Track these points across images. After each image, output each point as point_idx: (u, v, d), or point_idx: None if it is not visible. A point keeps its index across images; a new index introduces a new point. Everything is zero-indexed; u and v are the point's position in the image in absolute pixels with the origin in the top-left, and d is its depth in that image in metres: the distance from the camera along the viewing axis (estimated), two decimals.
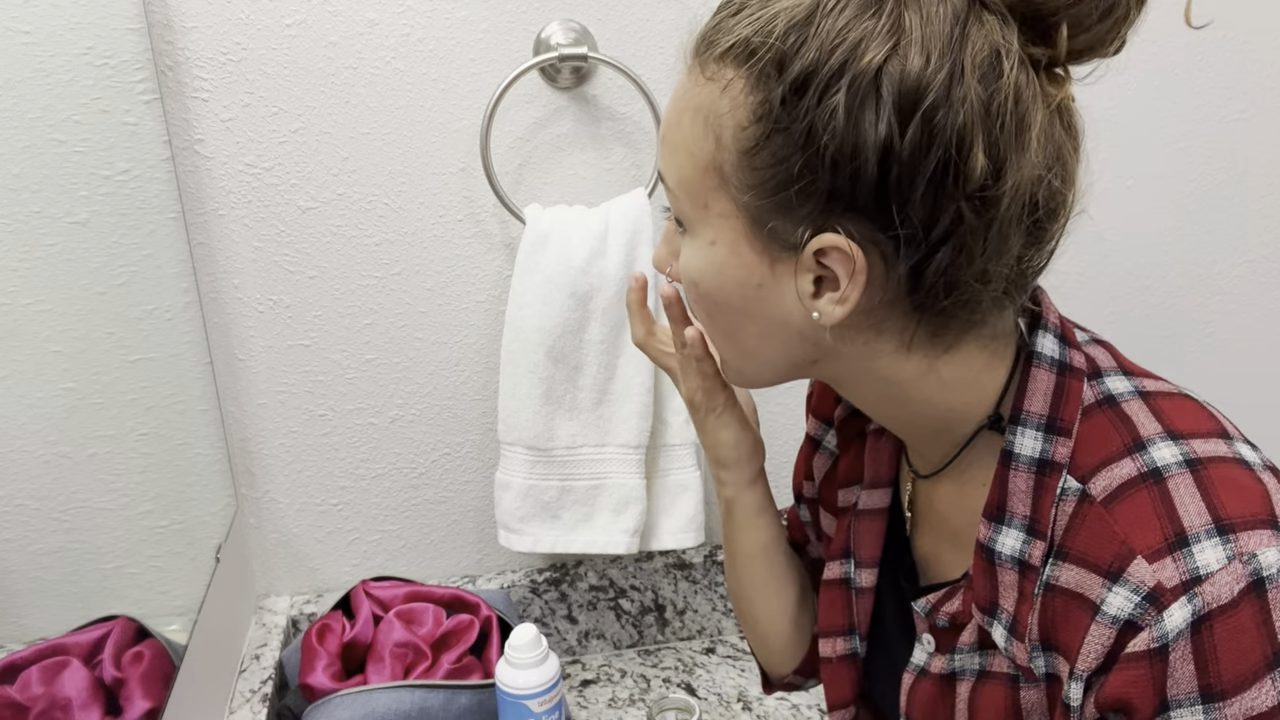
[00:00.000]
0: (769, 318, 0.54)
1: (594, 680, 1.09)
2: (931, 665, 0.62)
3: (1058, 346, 0.56)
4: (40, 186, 0.62)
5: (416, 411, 1.05)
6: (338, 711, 0.88)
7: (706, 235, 0.54)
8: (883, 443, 0.68)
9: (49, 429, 0.61)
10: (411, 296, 1.01)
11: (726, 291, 0.54)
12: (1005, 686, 0.57)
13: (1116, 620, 0.48)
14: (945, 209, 0.47)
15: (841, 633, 0.71)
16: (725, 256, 0.53)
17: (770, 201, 0.50)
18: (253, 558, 1.07)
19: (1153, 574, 0.47)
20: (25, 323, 0.59)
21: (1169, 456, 0.50)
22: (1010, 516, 0.55)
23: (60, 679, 0.59)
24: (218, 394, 0.99)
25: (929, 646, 0.62)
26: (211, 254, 0.96)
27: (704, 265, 0.54)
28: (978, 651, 0.59)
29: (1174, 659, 0.46)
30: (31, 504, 0.58)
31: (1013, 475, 0.54)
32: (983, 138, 0.46)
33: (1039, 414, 0.54)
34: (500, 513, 1.01)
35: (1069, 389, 0.54)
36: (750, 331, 0.56)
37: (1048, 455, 0.54)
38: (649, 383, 0.99)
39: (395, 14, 0.92)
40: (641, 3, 0.96)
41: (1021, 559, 0.54)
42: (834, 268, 0.50)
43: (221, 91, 0.91)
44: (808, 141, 0.47)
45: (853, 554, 0.69)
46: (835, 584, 0.71)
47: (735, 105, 0.49)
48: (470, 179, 0.98)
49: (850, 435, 0.71)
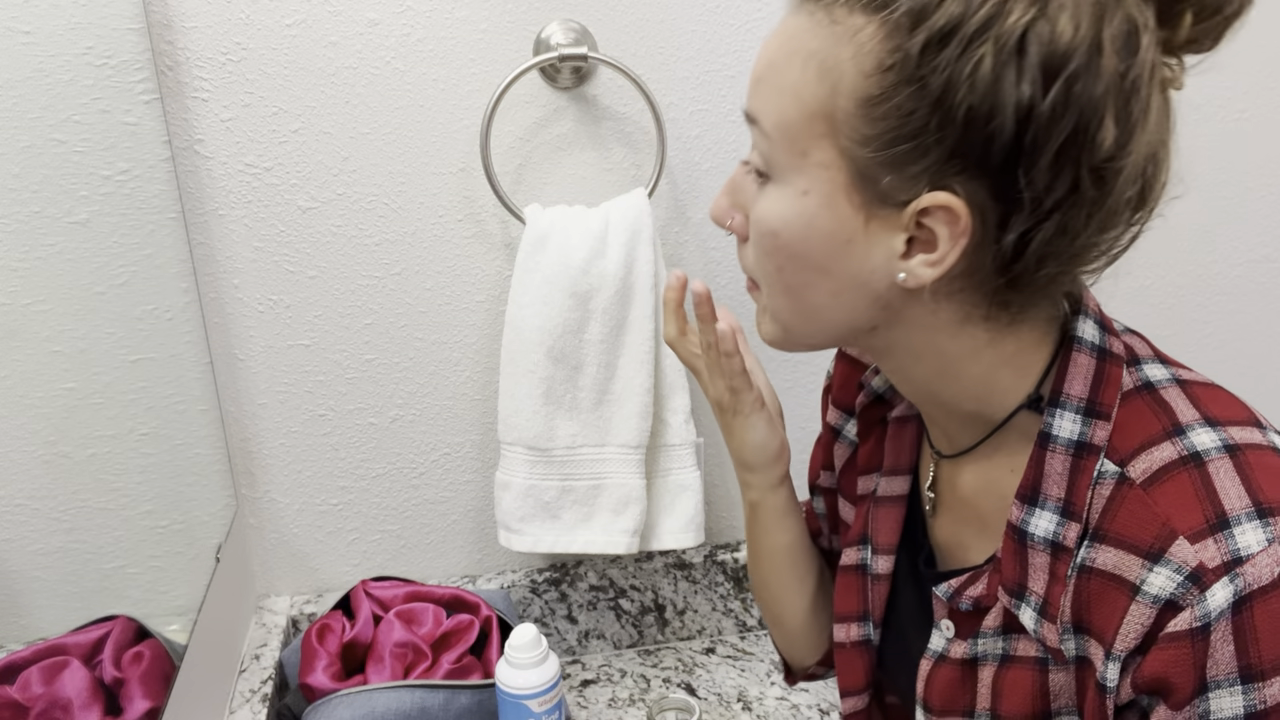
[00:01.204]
0: (847, 276, 0.53)
1: (594, 680, 1.09)
2: (951, 651, 0.61)
3: (1098, 332, 0.56)
4: (40, 186, 0.62)
5: (416, 411, 1.05)
6: (338, 711, 0.88)
7: (799, 184, 0.52)
8: (905, 429, 0.68)
9: (49, 429, 0.61)
10: (411, 296, 1.01)
11: (811, 245, 0.53)
12: (1033, 670, 0.57)
13: (1157, 600, 0.48)
14: (1065, 179, 0.47)
15: (856, 618, 0.71)
16: (817, 208, 0.52)
17: (885, 155, 0.49)
18: (253, 558, 1.07)
19: (1195, 554, 0.48)
20: (25, 323, 0.59)
21: (1208, 441, 0.51)
22: (1044, 499, 0.55)
23: (60, 679, 0.59)
24: (218, 394, 0.99)
25: (948, 632, 0.62)
26: (211, 254, 0.96)
27: (790, 215, 0.53)
28: (1001, 636, 0.58)
29: (1215, 639, 0.47)
30: (31, 504, 0.58)
31: (1049, 457, 0.54)
32: (1114, 110, 0.46)
33: (1079, 397, 0.55)
34: (500, 513, 1.01)
35: (1109, 374, 0.55)
36: (822, 289, 0.54)
37: (1086, 438, 0.54)
38: (649, 383, 0.99)
39: (395, 14, 0.92)
40: (641, 3, 0.96)
41: (1055, 540, 0.54)
42: (935, 228, 0.49)
43: (221, 91, 0.91)
44: (943, 96, 0.46)
45: (870, 540, 0.69)
46: (851, 570, 0.71)
47: (860, 52, 0.48)
48: (470, 179, 0.98)
49: (871, 422, 0.71)
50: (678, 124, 1.00)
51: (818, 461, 0.80)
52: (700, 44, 0.98)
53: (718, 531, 1.17)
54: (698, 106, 1.00)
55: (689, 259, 1.05)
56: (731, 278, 1.07)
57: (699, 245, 1.05)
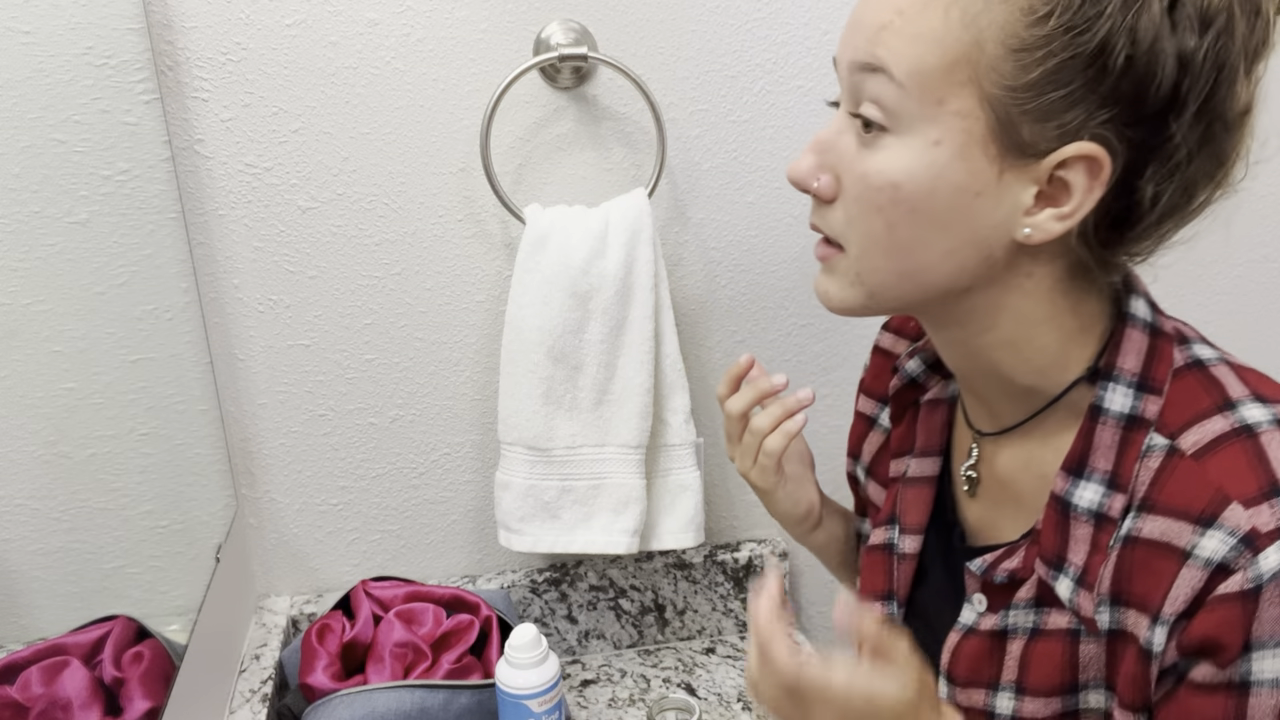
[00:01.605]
0: (967, 231, 0.53)
1: (594, 680, 1.09)
2: (981, 624, 0.62)
3: (1149, 311, 0.58)
4: (40, 186, 0.62)
5: (416, 411, 1.05)
6: (338, 711, 0.88)
7: (930, 134, 0.51)
8: (937, 411, 0.69)
9: (49, 429, 0.61)
10: (411, 296, 1.01)
11: (936, 197, 0.52)
12: (1063, 641, 0.58)
13: (1209, 563, 0.50)
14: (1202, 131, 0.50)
15: (880, 597, 0.72)
16: (949, 159, 0.51)
17: (1033, 103, 0.49)
18: (253, 558, 1.07)
19: (1249, 519, 0.49)
20: (25, 323, 0.59)
21: (1260, 415, 0.53)
22: (1090, 471, 0.56)
23: (60, 679, 0.59)
24: (218, 394, 0.99)
25: (979, 606, 0.62)
26: (211, 254, 0.96)
27: (917, 167, 0.52)
28: (1033, 608, 0.59)
29: (1264, 600, 0.48)
30: (31, 504, 0.58)
31: (1099, 429, 0.56)
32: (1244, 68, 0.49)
33: (1132, 371, 0.56)
34: (500, 513, 1.01)
35: (1161, 350, 0.56)
36: (936, 247, 0.54)
37: (1137, 412, 0.55)
38: (649, 383, 0.99)
39: (395, 14, 0.92)
40: (641, 3, 0.96)
41: (1099, 512, 0.55)
42: (1071, 180, 0.50)
43: (221, 91, 0.91)
44: (1103, 45, 0.47)
45: (898, 520, 0.70)
46: (878, 550, 0.72)
47: (1008, 3, 0.48)
48: (470, 179, 0.98)
49: (904, 405, 0.72)
50: (678, 124, 1.00)
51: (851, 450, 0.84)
52: (700, 44, 0.98)
53: (718, 531, 1.17)
54: (698, 106, 1.00)
55: (689, 259, 1.05)
56: (730, 278, 1.07)
57: (699, 245, 1.05)
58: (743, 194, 1.04)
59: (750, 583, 1.15)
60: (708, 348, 1.09)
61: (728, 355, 1.10)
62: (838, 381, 1.13)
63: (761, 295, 1.08)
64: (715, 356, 1.10)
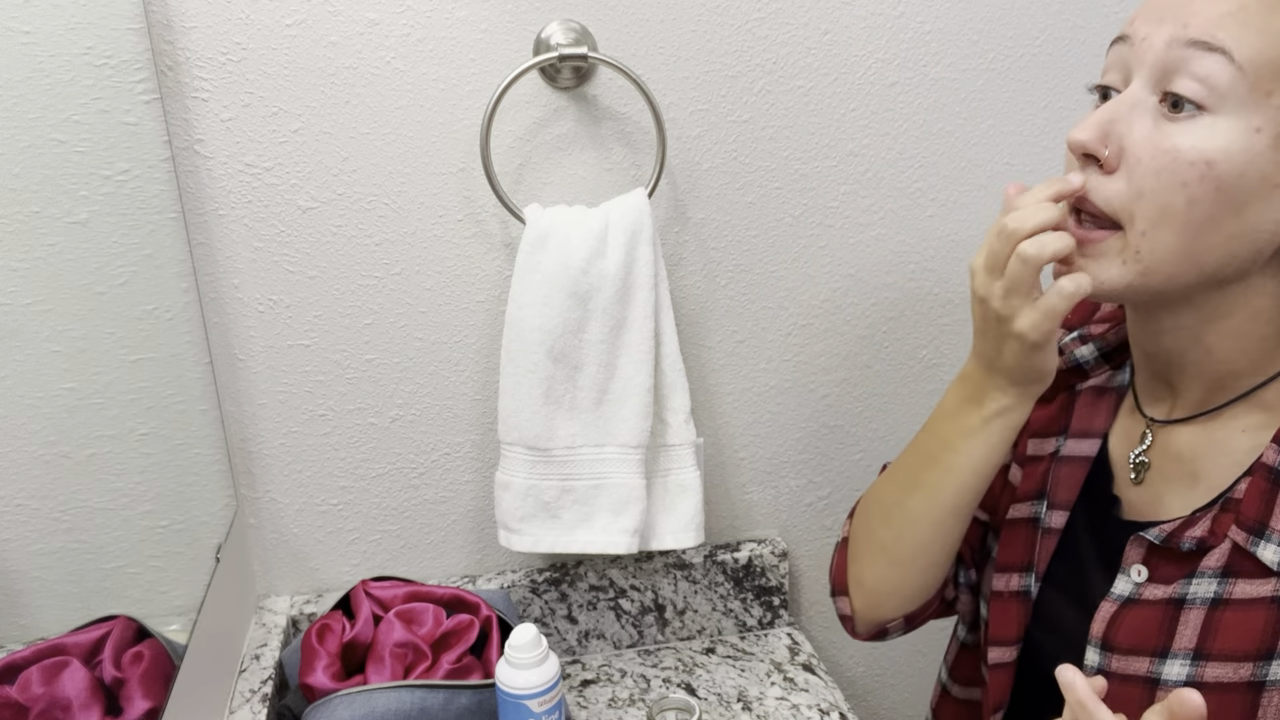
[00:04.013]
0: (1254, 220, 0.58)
1: (594, 680, 1.09)
2: (1143, 593, 0.65)
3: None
4: (40, 186, 0.62)
5: (416, 411, 1.05)
6: (338, 711, 0.88)
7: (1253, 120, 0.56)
8: (1104, 398, 0.74)
9: (49, 429, 0.61)
10: (411, 296, 1.01)
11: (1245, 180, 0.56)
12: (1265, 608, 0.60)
13: None
14: None
15: (1019, 569, 0.74)
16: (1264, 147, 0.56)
17: None
18: (253, 558, 1.07)
19: None
20: (25, 323, 0.59)
21: None
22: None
23: (60, 679, 0.59)
24: (218, 394, 0.99)
25: (1138, 577, 0.65)
26: (211, 254, 0.96)
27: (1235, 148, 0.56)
28: (1219, 577, 0.62)
29: None
30: (31, 504, 0.58)
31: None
32: None
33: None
34: (500, 512, 1.01)
35: None
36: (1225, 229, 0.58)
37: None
38: (649, 383, 0.99)
39: (395, 14, 0.92)
40: (641, 3, 0.96)
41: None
42: None
43: (221, 91, 0.91)
44: None
45: (1047, 495, 0.73)
46: (1022, 523, 0.75)
47: None
48: (470, 179, 0.98)
49: (1058, 389, 0.75)
50: (678, 124, 1.00)
51: None
52: (700, 44, 0.98)
53: (718, 531, 1.17)
54: (698, 106, 1.00)
55: (689, 259, 1.05)
56: (731, 277, 1.07)
57: (699, 245, 1.05)
58: (743, 194, 1.04)
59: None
60: (708, 348, 1.09)
61: (728, 355, 1.10)
62: (838, 382, 1.13)
63: (761, 295, 1.08)
64: (715, 356, 1.10)
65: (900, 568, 0.77)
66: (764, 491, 1.16)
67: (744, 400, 1.12)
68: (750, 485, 1.16)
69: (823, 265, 1.08)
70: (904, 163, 1.07)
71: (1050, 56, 1.07)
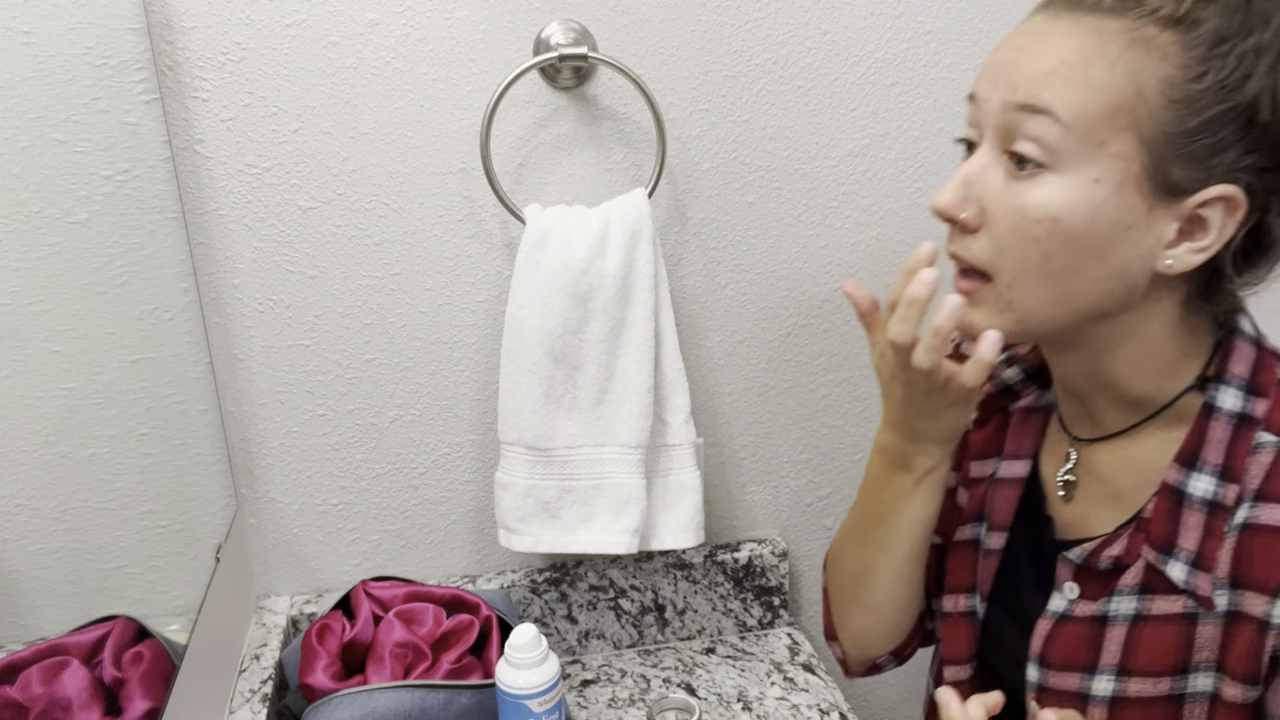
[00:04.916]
0: (1116, 262, 0.58)
1: (594, 680, 1.09)
2: (1075, 610, 0.66)
3: (1253, 327, 0.64)
4: (40, 186, 0.62)
5: (416, 411, 1.05)
6: (338, 711, 0.88)
7: (1090, 172, 0.56)
8: (1032, 418, 0.75)
9: (49, 429, 0.61)
10: (411, 296, 1.01)
11: (1094, 229, 0.57)
12: (1177, 625, 0.62)
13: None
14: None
15: (965, 590, 0.76)
16: (1107, 195, 0.57)
17: (1184, 150, 0.55)
18: (253, 558, 1.07)
19: None
20: (25, 323, 0.59)
21: None
22: (1203, 463, 0.61)
23: (60, 679, 0.59)
24: (218, 394, 0.99)
25: (1071, 594, 0.67)
26: (211, 254, 0.96)
27: (1077, 202, 0.57)
28: (1138, 594, 0.63)
29: None
30: (31, 504, 0.58)
31: (1213, 425, 0.61)
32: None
33: (1241, 376, 0.62)
34: (500, 512, 1.01)
35: (1265, 361, 0.63)
36: (1088, 275, 0.59)
37: (1247, 411, 0.61)
38: (649, 383, 0.99)
39: (395, 14, 0.92)
40: (641, 3, 0.96)
41: (1213, 500, 0.60)
42: (1209, 217, 0.56)
43: (221, 91, 0.91)
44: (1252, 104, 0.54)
45: (986, 518, 0.75)
46: (965, 545, 0.77)
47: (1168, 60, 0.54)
48: (470, 179, 0.98)
49: (992, 411, 0.77)
50: (678, 124, 1.00)
51: None
52: (700, 44, 0.98)
53: (718, 531, 1.17)
54: (698, 106, 1.00)
55: (689, 259, 1.05)
56: (730, 278, 1.07)
57: (699, 245, 1.05)
58: (743, 194, 1.04)
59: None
60: (708, 348, 1.09)
61: (728, 355, 1.10)
62: (838, 382, 1.13)
63: (761, 295, 1.08)
64: (715, 356, 1.10)
65: (874, 613, 0.80)
66: (764, 491, 1.16)
67: (744, 400, 1.12)
68: (750, 485, 1.16)
69: (823, 265, 1.08)
70: (904, 163, 1.07)
71: None
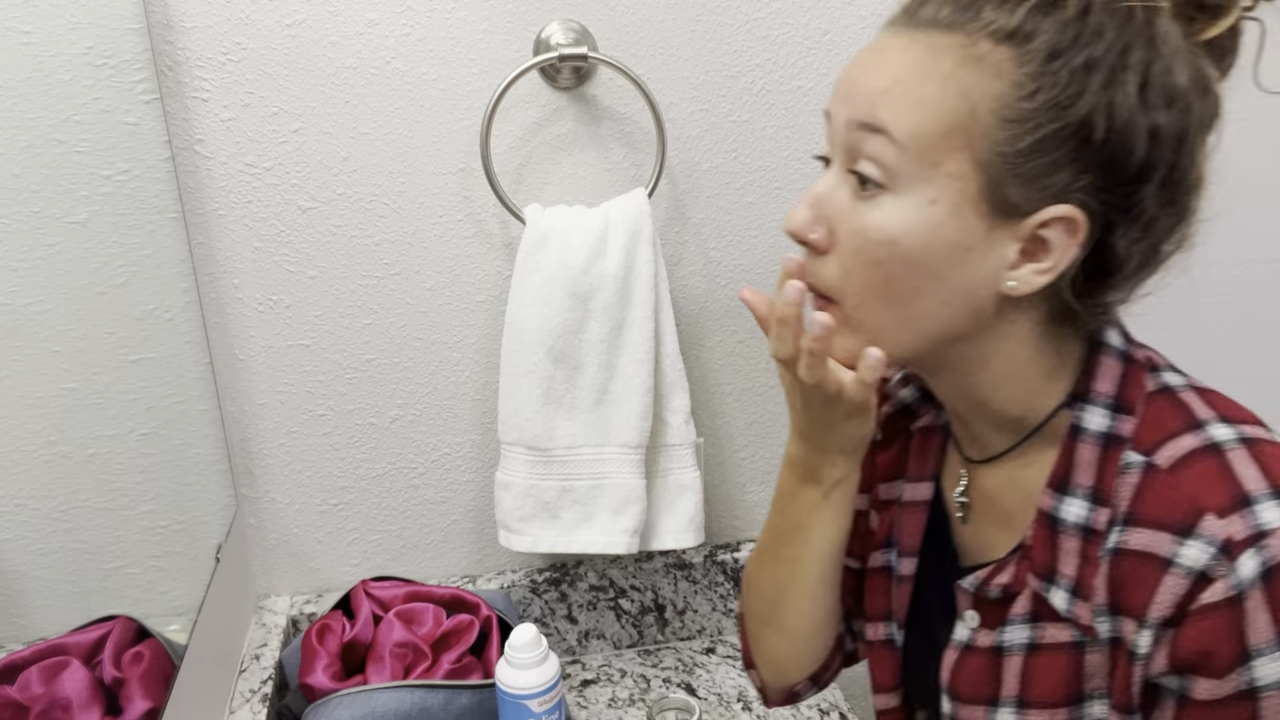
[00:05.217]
0: (959, 283, 0.56)
1: (594, 680, 1.09)
2: (977, 640, 0.64)
3: (1121, 339, 0.61)
4: (40, 186, 0.62)
5: (416, 411, 1.05)
6: (338, 711, 0.88)
7: (926, 194, 0.55)
8: (931, 439, 0.72)
9: (49, 429, 0.61)
10: (411, 296, 1.01)
11: (932, 251, 0.56)
12: (1067, 654, 0.60)
13: (1191, 571, 0.52)
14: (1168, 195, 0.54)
15: (883, 618, 0.74)
16: (943, 217, 0.55)
17: (1019, 169, 0.53)
18: (253, 558, 1.07)
19: (1224, 528, 0.52)
20: (25, 323, 0.59)
21: (1225, 435, 0.56)
22: (1074, 487, 0.59)
23: (60, 679, 0.59)
24: (218, 394, 0.99)
25: (972, 623, 0.65)
26: (211, 254, 0.96)
27: (914, 223, 0.55)
28: (1029, 623, 0.61)
29: (1249, 606, 0.50)
30: (31, 504, 0.58)
31: (1080, 447, 0.59)
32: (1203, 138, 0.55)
33: (1107, 394, 0.59)
34: (500, 513, 1.01)
35: (1133, 375, 0.60)
36: (931, 297, 0.57)
37: (1114, 430, 0.58)
38: (649, 383, 0.99)
39: (395, 14, 0.92)
40: (641, 3, 0.96)
41: (1086, 525, 0.58)
42: (1051, 238, 0.54)
43: (221, 91, 0.91)
44: (1085, 122, 0.52)
45: (896, 543, 0.72)
46: (878, 572, 0.74)
47: (1002, 78, 0.52)
48: (470, 179, 0.98)
49: (895, 432, 0.74)
50: (678, 124, 1.00)
51: None
52: (700, 44, 0.98)
53: (718, 531, 1.17)
54: (698, 106, 1.00)
55: (689, 259, 1.05)
56: (730, 278, 1.07)
57: (699, 245, 1.05)
58: (743, 194, 1.04)
59: None
60: (708, 348, 1.09)
61: (728, 355, 1.10)
62: None
63: None
64: (715, 356, 1.10)
65: (789, 636, 0.78)
66: (764, 491, 1.16)
67: (744, 400, 1.12)
68: (750, 485, 1.16)
69: None
70: None
71: None
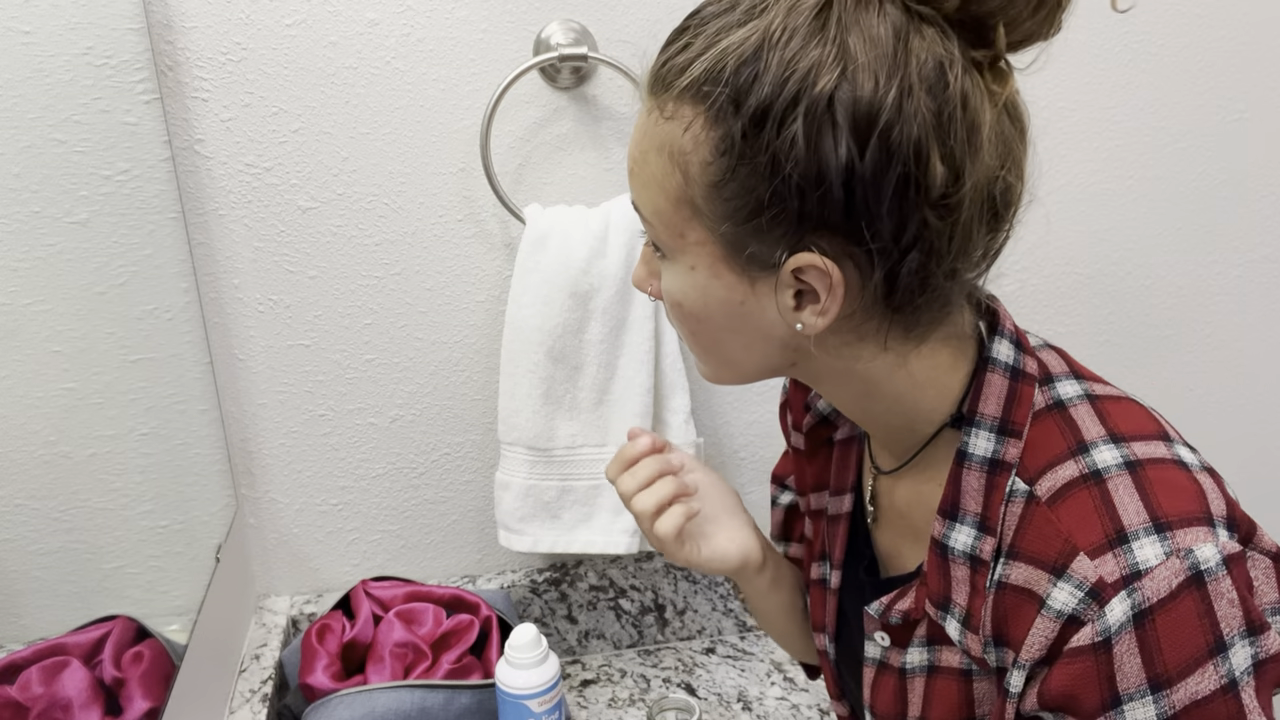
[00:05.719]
0: (753, 331, 0.56)
1: (594, 680, 1.09)
2: (890, 659, 0.64)
3: (1012, 352, 0.58)
4: (40, 186, 0.62)
5: (416, 411, 1.05)
6: (338, 711, 0.88)
7: (685, 261, 0.55)
8: (849, 449, 0.70)
9: (49, 429, 0.61)
10: (411, 296, 1.01)
11: (710, 310, 0.56)
12: (958, 679, 0.59)
13: (1060, 615, 0.50)
14: (911, 218, 0.49)
15: (820, 629, 0.74)
16: (706, 279, 0.55)
17: (744, 228, 0.51)
18: (253, 558, 1.07)
19: (1094, 569, 0.49)
20: (25, 323, 0.59)
21: (1109, 459, 0.53)
22: (963, 514, 0.57)
23: (60, 679, 0.59)
24: (218, 394, 0.99)
25: (883, 642, 0.64)
26: (211, 254, 0.96)
27: (686, 288, 0.56)
28: (927, 646, 0.61)
29: (1118, 652, 0.48)
30: (31, 504, 0.58)
31: (966, 473, 0.57)
32: (938, 147, 0.48)
33: (992, 416, 0.57)
34: (500, 513, 1.01)
35: (1021, 393, 0.57)
36: (734, 344, 0.58)
37: (999, 455, 0.56)
38: (649, 383, 0.99)
39: (395, 14, 0.92)
40: (641, 3, 0.96)
41: (973, 554, 0.56)
42: (812, 283, 0.52)
43: (221, 91, 0.91)
44: (773, 171, 0.49)
45: (828, 556, 0.72)
46: (816, 584, 0.74)
47: (698, 142, 0.51)
48: (470, 179, 0.98)
49: (818, 443, 0.73)
50: None
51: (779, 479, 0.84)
52: None
53: None
54: None
55: None
56: None
57: None
58: None
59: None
60: None
61: None
62: None
63: None
64: None
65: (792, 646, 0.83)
66: (764, 491, 1.16)
67: (744, 400, 1.12)
68: (750, 485, 1.16)
69: None
70: None
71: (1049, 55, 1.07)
